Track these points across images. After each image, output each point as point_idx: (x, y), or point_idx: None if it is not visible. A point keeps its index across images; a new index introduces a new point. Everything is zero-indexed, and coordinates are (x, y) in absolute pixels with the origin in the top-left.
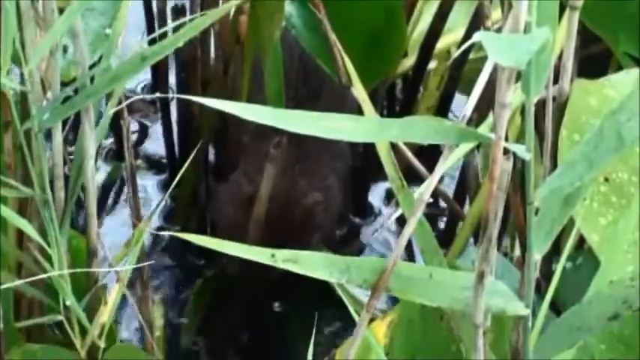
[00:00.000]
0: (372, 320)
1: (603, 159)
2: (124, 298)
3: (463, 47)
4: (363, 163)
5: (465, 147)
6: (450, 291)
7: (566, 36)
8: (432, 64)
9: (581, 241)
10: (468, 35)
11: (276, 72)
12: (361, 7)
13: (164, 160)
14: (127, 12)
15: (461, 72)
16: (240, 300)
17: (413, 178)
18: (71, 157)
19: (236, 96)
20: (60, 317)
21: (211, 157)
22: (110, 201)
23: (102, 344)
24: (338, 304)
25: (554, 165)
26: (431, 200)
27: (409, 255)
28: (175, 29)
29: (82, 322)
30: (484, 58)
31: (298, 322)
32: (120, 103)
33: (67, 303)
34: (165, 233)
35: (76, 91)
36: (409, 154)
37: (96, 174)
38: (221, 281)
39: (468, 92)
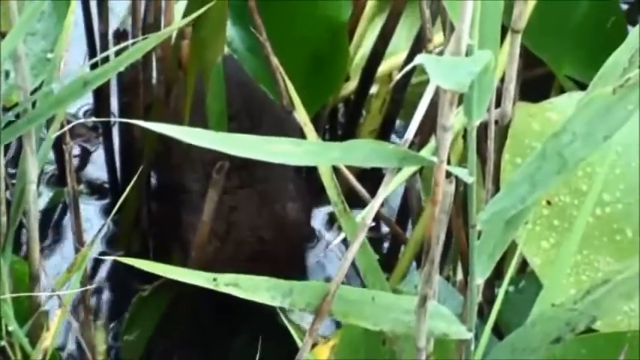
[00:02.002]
0: (315, 345)
1: (546, 181)
2: (66, 323)
3: (405, 70)
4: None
5: (408, 170)
6: (393, 315)
7: (508, 59)
8: (374, 88)
9: (523, 264)
10: (410, 58)
11: (219, 95)
12: (304, 31)
13: (106, 185)
14: (68, 36)
15: (403, 95)
16: (183, 321)
17: (355, 201)
18: (13, 181)
19: (178, 120)
20: (2, 343)
21: (154, 181)
22: (52, 226)
23: None
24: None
25: (496, 188)
26: (373, 224)
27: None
28: (117, 53)
29: (25, 347)
30: (426, 82)
31: (243, 342)
32: (62, 127)
33: (10, 328)
34: (108, 258)
35: (17, 116)
36: (351, 178)
37: (38, 199)
38: (162, 302)
39: (410, 116)
